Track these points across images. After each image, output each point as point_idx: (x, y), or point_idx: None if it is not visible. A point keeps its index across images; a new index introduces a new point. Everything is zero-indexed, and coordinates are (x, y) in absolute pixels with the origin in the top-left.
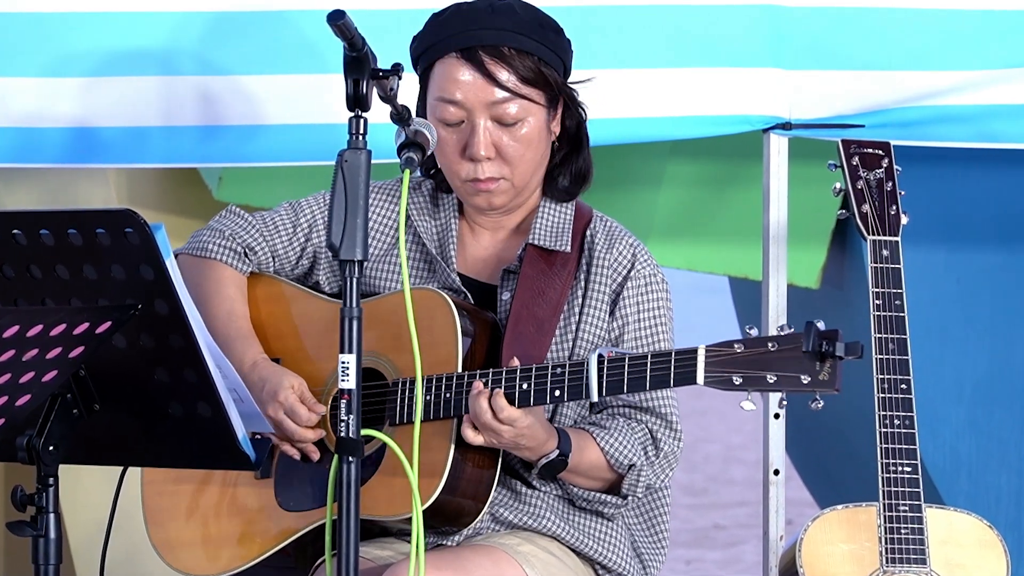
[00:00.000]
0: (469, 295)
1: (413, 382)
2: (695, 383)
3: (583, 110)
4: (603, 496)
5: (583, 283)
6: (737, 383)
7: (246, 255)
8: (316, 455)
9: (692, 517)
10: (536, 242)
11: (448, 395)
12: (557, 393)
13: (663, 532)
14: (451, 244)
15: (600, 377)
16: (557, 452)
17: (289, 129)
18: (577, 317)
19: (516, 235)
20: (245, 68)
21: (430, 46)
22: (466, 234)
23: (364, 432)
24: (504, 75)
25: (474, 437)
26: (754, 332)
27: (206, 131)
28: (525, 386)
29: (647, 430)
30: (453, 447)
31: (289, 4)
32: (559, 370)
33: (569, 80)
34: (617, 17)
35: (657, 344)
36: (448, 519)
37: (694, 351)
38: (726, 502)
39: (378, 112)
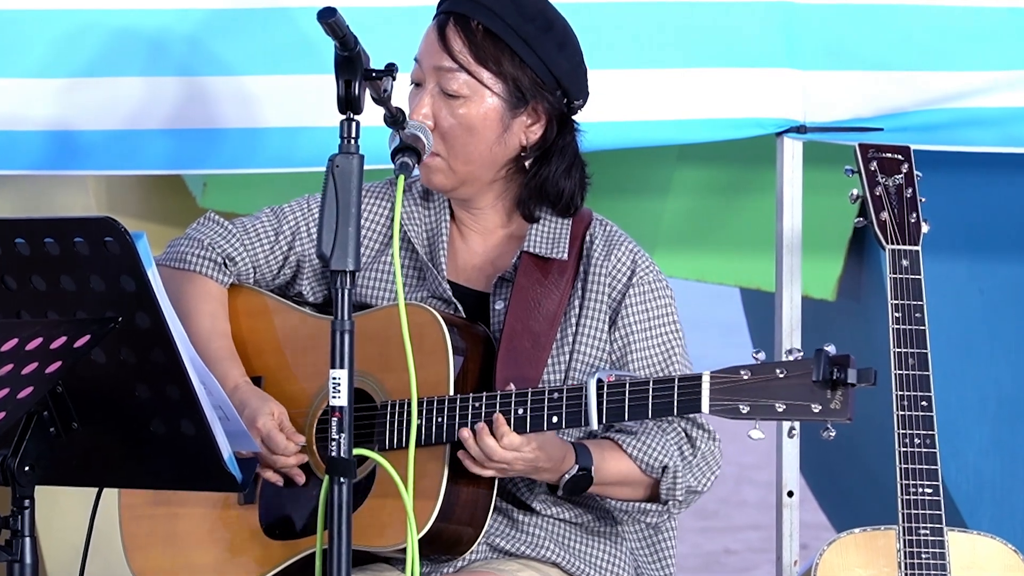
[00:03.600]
0: (460, 306)
1: (403, 404)
2: (699, 411)
3: (569, 126)
4: (644, 505)
5: (580, 292)
6: (744, 412)
7: (225, 265)
8: (301, 478)
9: (701, 541)
10: (531, 249)
11: (440, 419)
12: (555, 420)
13: (669, 559)
14: (441, 249)
15: (600, 404)
16: (577, 467)
17: (281, 133)
18: (573, 330)
19: (509, 241)
20: (237, 70)
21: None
22: (456, 239)
23: (356, 451)
24: (458, 45)
25: (481, 471)
26: (761, 356)
27: (190, 135)
28: (521, 412)
29: (681, 430)
30: (446, 472)
31: (282, 1)
32: (556, 395)
33: (564, 96)
34: (621, 14)
35: (671, 358)
36: (443, 547)
37: (698, 377)
38: (737, 525)
39: (371, 115)
